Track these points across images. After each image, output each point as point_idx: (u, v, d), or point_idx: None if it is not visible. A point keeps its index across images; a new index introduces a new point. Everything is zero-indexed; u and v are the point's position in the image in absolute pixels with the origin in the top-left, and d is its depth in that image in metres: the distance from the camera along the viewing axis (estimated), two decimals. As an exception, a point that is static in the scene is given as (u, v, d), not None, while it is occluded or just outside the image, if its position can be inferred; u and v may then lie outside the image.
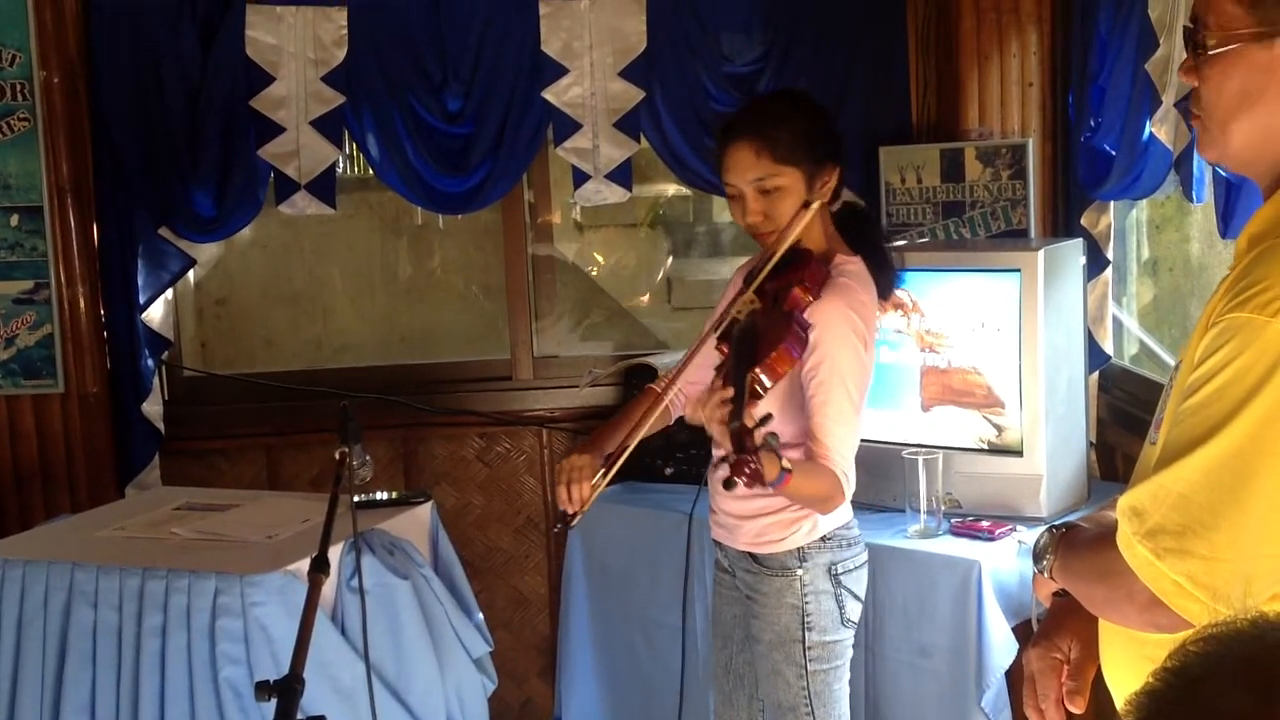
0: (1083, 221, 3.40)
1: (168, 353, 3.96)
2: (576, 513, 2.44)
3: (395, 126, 3.77)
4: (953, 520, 3.03)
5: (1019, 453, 3.03)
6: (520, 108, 3.78)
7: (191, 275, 4.15)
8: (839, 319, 2.49)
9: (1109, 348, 3.47)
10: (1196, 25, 1.49)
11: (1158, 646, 1.25)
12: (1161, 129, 2.82)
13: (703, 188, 3.95)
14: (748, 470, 2.12)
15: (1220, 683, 0.86)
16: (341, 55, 3.72)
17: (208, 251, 4.32)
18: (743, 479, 2.12)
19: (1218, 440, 1.36)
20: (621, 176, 3.81)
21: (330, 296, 4.73)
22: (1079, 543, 1.59)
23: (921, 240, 3.56)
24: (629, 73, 3.75)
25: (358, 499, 2.69)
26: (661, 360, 3.73)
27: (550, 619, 4.06)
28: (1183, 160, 2.77)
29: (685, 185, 4.21)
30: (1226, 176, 2.51)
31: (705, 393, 2.30)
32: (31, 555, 2.81)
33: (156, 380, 3.85)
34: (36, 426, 3.73)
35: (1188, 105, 1.72)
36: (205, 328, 4.55)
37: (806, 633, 2.58)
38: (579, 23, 3.75)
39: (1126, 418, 3.31)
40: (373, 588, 2.70)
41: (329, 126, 3.74)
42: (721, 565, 2.76)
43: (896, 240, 3.37)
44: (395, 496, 3.12)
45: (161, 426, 3.84)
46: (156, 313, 3.84)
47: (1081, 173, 3.35)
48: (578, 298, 4.60)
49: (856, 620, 2.64)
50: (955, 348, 3.10)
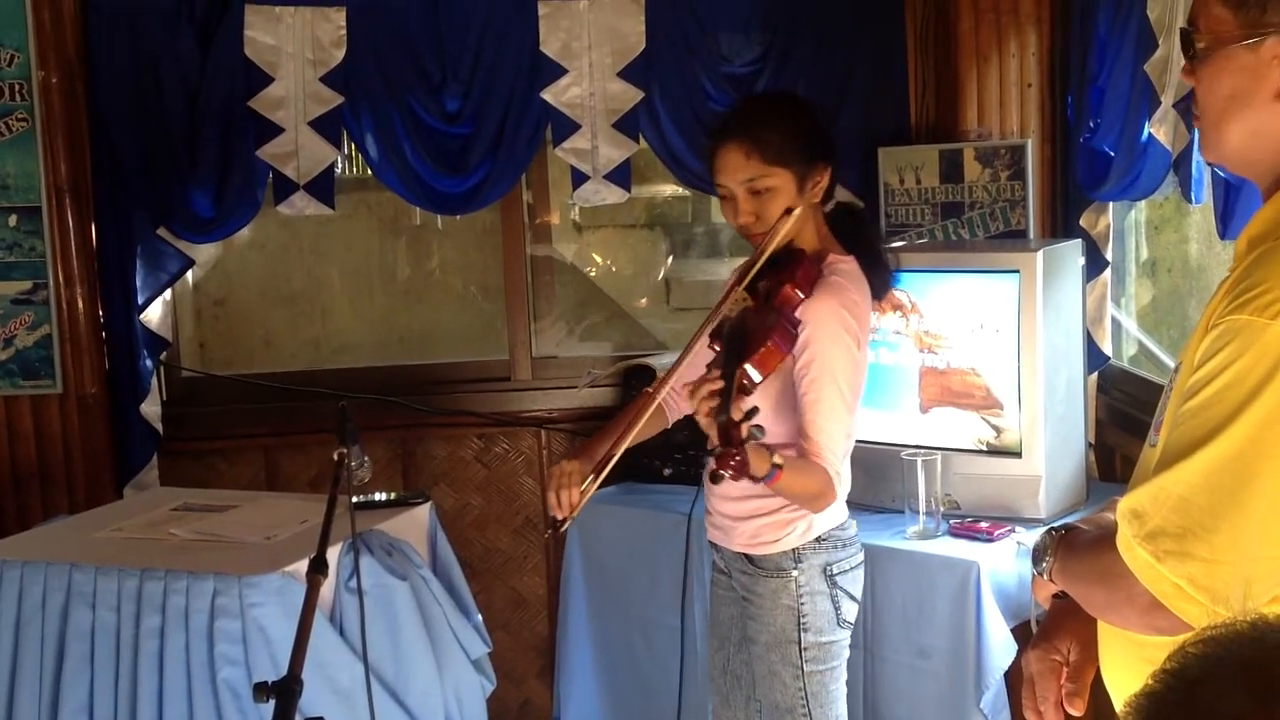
0: (1082, 222, 3.40)
1: (166, 353, 3.96)
2: (566, 518, 2.45)
3: (394, 127, 3.77)
4: (951, 521, 3.03)
5: (1018, 454, 3.03)
6: (519, 108, 3.77)
7: (190, 276, 4.15)
8: (831, 317, 2.49)
9: (1108, 349, 3.47)
10: (1191, 28, 1.50)
11: (1157, 648, 1.25)
12: (1160, 130, 2.82)
13: (701, 188, 3.94)
14: (733, 463, 2.13)
15: (1219, 685, 0.87)
16: (340, 56, 3.72)
17: (206, 252, 4.31)
18: (728, 472, 2.14)
19: (1218, 443, 1.36)
20: (620, 177, 3.81)
21: (329, 297, 4.72)
22: (1078, 545, 1.59)
23: (920, 241, 3.56)
24: (628, 73, 3.75)
25: (356, 500, 2.69)
26: (660, 361, 3.72)
27: (549, 620, 4.06)
28: (1181, 161, 2.77)
29: (684, 186, 4.20)
30: (1226, 177, 2.51)
31: (696, 383, 2.31)
32: (30, 556, 2.80)
33: (155, 381, 3.85)
34: (35, 427, 3.73)
35: (1189, 106, 1.73)
36: (204, 328, 4.54)
37: (802, 634, 2.58)
38: (578, 23, 3.75)
39: (1125, 419, 3.31)
40: (371, 589, 2.70)
41: (328, 127, 3.74)
42: (718, 566, 2.75)
43: (895, 241, 3.37)
44: (394, 497, 3.12)
45: (160, 427, 3.84)
46: (155, 313, 3.83)
47: (1080, 174, 3.34)
48: (576, 298, 4.59)
49: (852, 621, 2.64)
50: (954, 349, 3.10)
